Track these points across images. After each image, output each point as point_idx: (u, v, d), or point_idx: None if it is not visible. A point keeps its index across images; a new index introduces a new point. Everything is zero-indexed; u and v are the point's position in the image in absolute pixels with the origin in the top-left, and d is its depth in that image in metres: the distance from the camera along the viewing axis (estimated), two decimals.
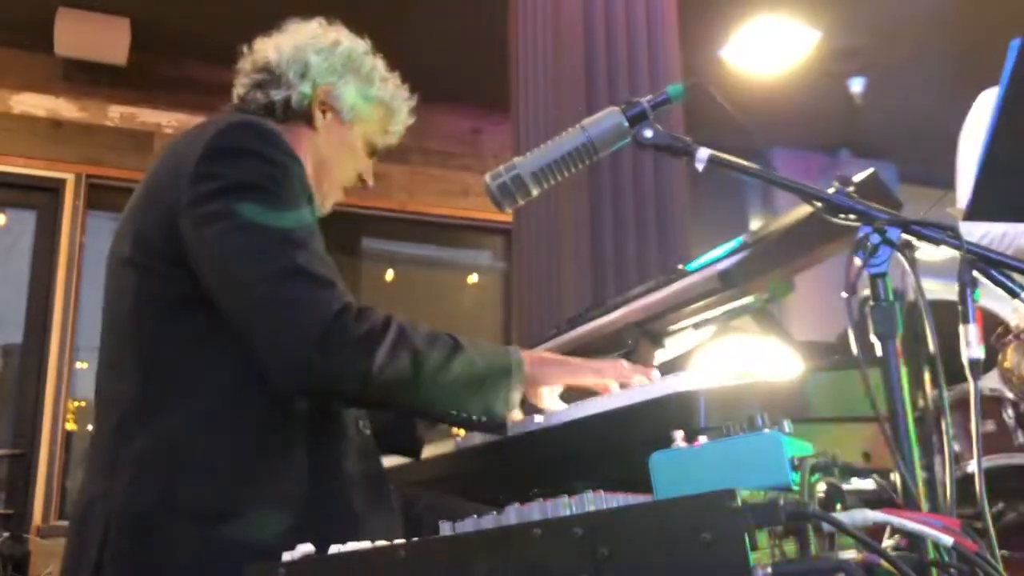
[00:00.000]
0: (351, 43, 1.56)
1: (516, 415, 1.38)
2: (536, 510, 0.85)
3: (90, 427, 4.51)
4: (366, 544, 0.93)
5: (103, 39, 4.40)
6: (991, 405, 2.60)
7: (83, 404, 4.54)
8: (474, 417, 1.26)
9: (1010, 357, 1.88)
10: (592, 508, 0.84)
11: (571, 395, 1.37)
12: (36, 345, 4.36)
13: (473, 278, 5.63)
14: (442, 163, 5.28)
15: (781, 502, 0.73)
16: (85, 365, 4.48)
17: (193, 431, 1.25)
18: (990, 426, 2.66)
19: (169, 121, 4.78)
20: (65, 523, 4.12)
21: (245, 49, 1.55)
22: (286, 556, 0.95)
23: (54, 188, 4.54)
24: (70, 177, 4.56)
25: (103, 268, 1.42)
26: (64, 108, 4.63)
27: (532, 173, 1.33)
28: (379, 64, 1.57)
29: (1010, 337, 1.83)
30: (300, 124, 1.50)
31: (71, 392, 4.41)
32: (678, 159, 1.30)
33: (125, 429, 1.27)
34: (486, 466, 1.47)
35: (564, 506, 0.85)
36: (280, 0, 4.66)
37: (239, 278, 1.23)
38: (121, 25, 4.41)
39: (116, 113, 4.72)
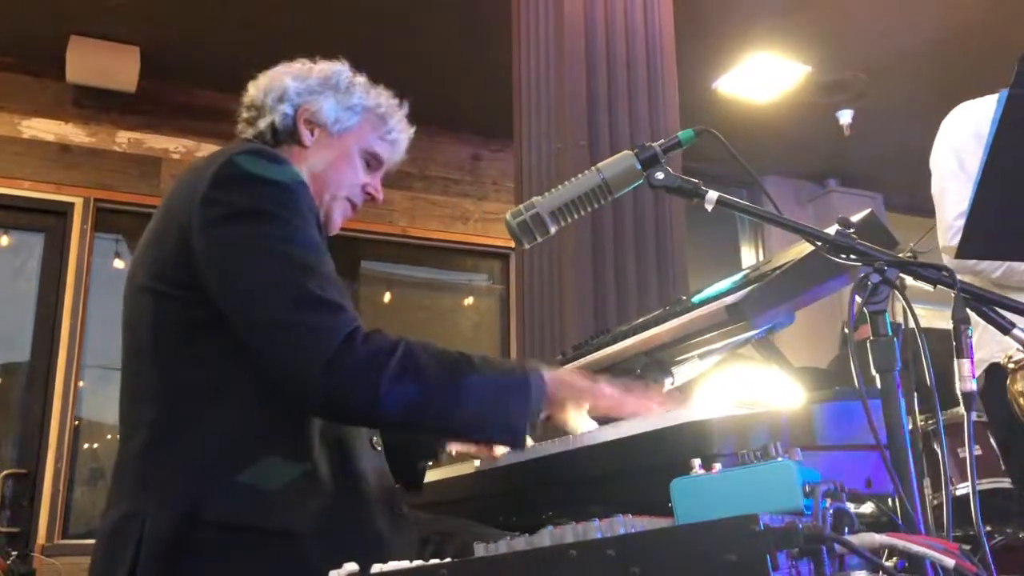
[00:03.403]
0: (328, 65, 1.60)
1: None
2: (569, 532, 0.92)
3: (96, 446, 4.55)
4: (405, 563, 0.99)
5: (113, 66, 4.46)
6: (978, 430, 2.68)
7: (89, 423, 4.58)
8: (492, 436, 1.31)
9: (1020, 381, 1.96)
10: (622, 531, 0.90)
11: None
12: (42, 365, 4.39)
13: (469, 300, 5.70)
14: (443, 189, 5.36)
15: (800, 526, 0.80)
16: (84, 383, 4.52)
17: (218, 452, 1.28)
18: (976, 451, 2.74)
19: (176, 147, 4.84)
20: (69, 542, 4.15)
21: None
22: (332, 574, 1.00)
23: (62, 212, 4.58)
24: (78, 201, 4.61)
25: (109, 290, 1.45)
26: (73, 133, 4.69)
27: (550, 212, 1.39)
28: (360, 79, 1.61)
29: (1022, 362, 1.91)
30: (291, 145, 1.54)
31: (76, 411, 4.44)
32: (688, 200, 1.37)
33: (152, 451, 1.31)
34: (499, 490, 1.51)
35: (595, 529, 0.91)
36: (285, 29, 4.76)
37: (251, 305, 1.26)
38: (131, 53, 4.49)
39: (124, 139, 4.77)
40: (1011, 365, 1.89)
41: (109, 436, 4.61)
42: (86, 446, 4.54)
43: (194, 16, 4.34)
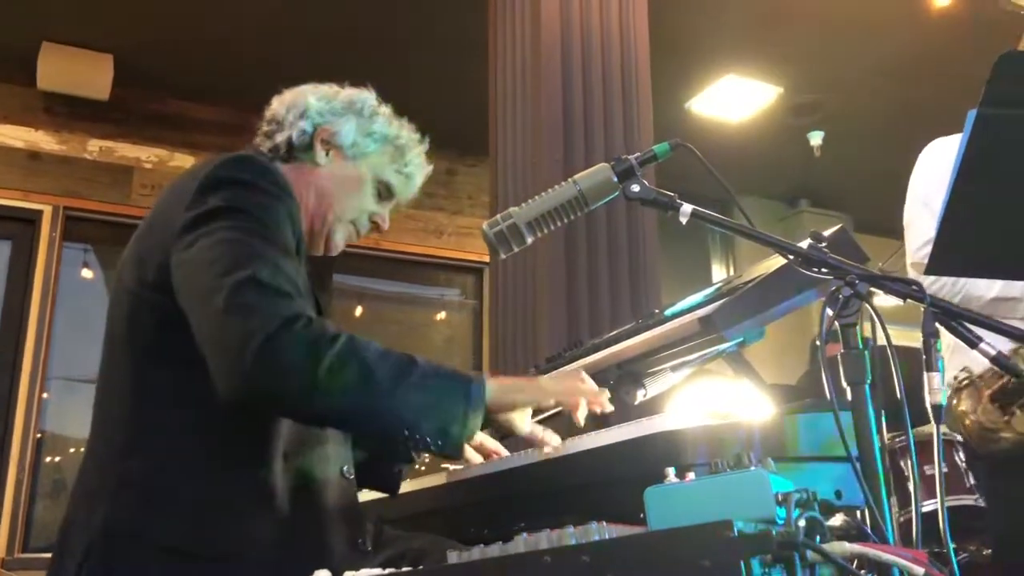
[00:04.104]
0: (355, 91, 1.61)
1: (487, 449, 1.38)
2: (544, 539, 0.92)
3: (58, 459, 4.48)
4: (378, 571, 0.99)
5: (86, 74, 4.43)
6: (944, 448, 2.72)
7: (52, 436, 4.50)
8: (427, 439, 1.23)
9: (963, 402, 2.00)
10: (596, 538, 0.91)
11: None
12: (6, 375, 4.31)
13: (442, 315, 5.69)
14: (417, 203, 5.34)
15: (773, 533, 0.80)
16: (48, 395, 4.45)
17: (172, 463, 1.26)
18: (943, 468, 2.77)
19: (148, 156, 4.80)
20: (30, 555, 4.08)
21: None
22: None
23: (30, 219, 4.52)
24: (47, 209, 4.55)
25: (77, 301, 1.43)
26: (43, 140, 4.64)
27: (527, 223, 1.40)
28: (385, 109, 1.62)
29: (964, 382, 1.95)
30: (304, 162, 1.55)
31: (40, 424, 4.37)
32: (663, 213, 1.38)
33: (112, 455, 1.29)
34: (471, 502, 1.51)
35: (569, 536, 0.91)
36: (260, 42, 4.75)
37: (203, 288, 1.23)
38: (104, 61, 4.46)
39: (96, 147, 4.73)
40: (954, 384, 1.93)
41: (72, 449, 4.55)
42: (48, 459, 4.47)
43: (169, 25, 4.32)
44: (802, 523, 0.93)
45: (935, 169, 2.25)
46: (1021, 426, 1.90)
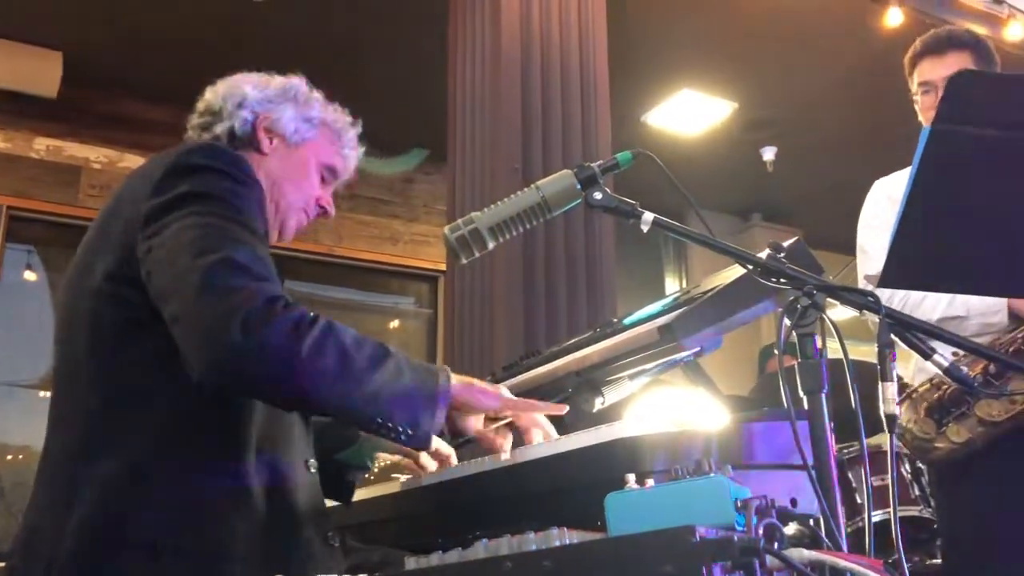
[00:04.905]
0: (285, 78, 1.62)
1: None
2: (504, 545, 0.91)
3: None
4: None
5: (34, 71, 4.34)
6: (887, 460, 2.77)
7: None
8: (400, 428, 1.23)
9: (904, 414, 2.05)
10: (557, 543, 0.90)
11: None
12: None
13: (395, 323, 5.66)
14: (372, 210, 5.34)
15: (735, 538, 0.81)
16: None
17: (149, 462, 1.24)
18: (887, 480, 2.83)
19: (98, 156, 4.70)
20: None
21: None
22: None
23: None
24: None
25: (19, 304, 1.39)
26: None
27: (489, 228, 1.40)
28: (317, 94, 1.63)
29: (903, 394, 2.00)
30: (249, 151, 1.53)
31: None
32: (625, 220, 1.39)
33: (81, 457, 1.26)
34: (427, 509, 1.50)
35: (530, 542, 0.91)
36: (217, 44, 4.71)
37: (176, 271, 1.21)
38: (54, 58, 4.37)
39: (42, 145, 4.63)
40: None
41: (10, 456, 4.43)
42: None
43: (121, 24, 4.25)
44: (761, 530, 0.94)
45: (869, 206, 2.33)
46: (954, 435, 1.96)
